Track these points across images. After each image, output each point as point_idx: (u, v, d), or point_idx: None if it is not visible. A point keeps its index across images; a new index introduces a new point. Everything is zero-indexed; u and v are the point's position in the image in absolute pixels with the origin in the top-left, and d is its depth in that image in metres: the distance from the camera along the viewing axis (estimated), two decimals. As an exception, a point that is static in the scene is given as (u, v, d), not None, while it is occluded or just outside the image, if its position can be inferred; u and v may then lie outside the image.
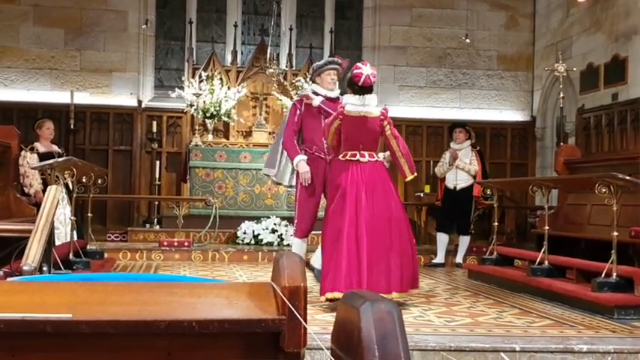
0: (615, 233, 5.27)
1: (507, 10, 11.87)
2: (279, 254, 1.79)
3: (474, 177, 8.71)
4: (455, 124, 9.21)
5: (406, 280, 5.18)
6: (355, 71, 5.43)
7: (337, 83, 6.21)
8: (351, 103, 5.35)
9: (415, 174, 5.55)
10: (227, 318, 1.65)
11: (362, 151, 5.27)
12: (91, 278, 2.30)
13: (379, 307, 1.30)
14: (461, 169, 8.69)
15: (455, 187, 8.78)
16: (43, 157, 7.70)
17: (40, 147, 8.08)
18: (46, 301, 1.76)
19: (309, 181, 5.79)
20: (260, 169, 10.24)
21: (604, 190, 5.29)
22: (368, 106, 5.35)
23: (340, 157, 5.33)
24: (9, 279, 2.46)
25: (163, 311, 1.70)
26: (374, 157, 5.32)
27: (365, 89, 5.37)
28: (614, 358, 4.00)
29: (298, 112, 5.99)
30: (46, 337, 1.62)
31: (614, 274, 5.25)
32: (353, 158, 5.27)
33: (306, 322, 1.60)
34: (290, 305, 1.59)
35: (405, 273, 5.17)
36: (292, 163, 5.92)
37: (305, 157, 5.84)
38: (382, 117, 5.38)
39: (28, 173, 7.80)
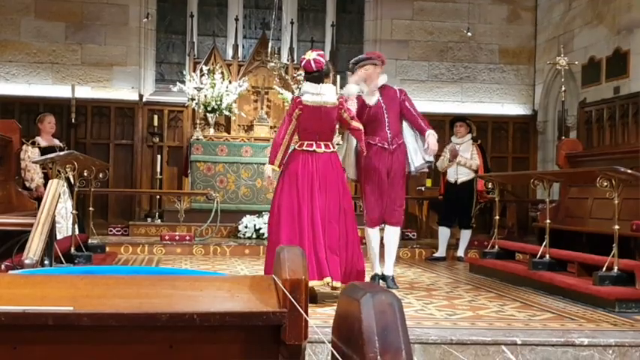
0: (616, 227, 5.27)
1: (509, 3, 11.85)
2: (280, 247, 1.79)
3: (476, 171, 8.70)
4: (455, 118, 9.21)
5: (354, 274, 5.18)
6: (303, 61, 5.40)
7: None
8: (309, 93, 5.31)
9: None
10: (228, 311, 1.65)
11: (318, 142, 5.29)
12: (92, 271, 2.30)
13: (380, 298, 1.30)
14: (462, 165, 8.68)
15: (456, 181, 8.77)
16: (44, 151, 7.70)
17: (42, 141, 8.08)
18: (48, 293, 1.76)
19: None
20: (261, 163, 10.29)
21: (605, 183, 5.28)
22: (324, 95, 5.31)
23: (297, 147, 5.34)
24: (10, 272, 2.46)
25: (165, 304, 1.70)
26: (330, 148, 5.32)
27: (316, 76, 5.31)
28: (615, 352, 4.00)
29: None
30: (48, 329, 1.63)
31: (616, 268, 5.25)
32: (309, 149, 5.27)
33: (307, 315, 1.60)
34: (291, 298, 1.60)
35: (353, 266, 5.19)
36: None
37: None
38: (340, 106, 5.38)
39: (29, 167, 7.80)
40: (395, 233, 6.04)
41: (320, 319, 4.22)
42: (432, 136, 6.02)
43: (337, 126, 5.60)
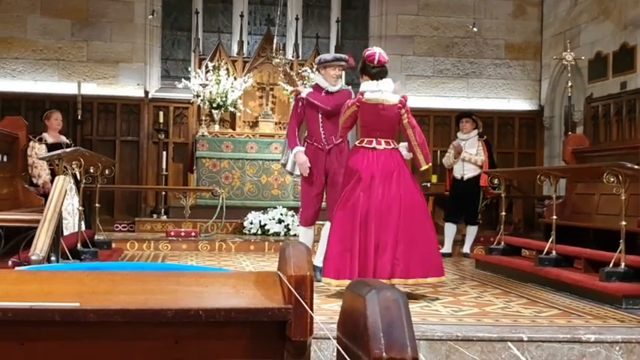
0: (623, 223, 5.25)
1: (515, -2, 11.81)
2: (285, 244, 1.79)
3: (481, 167, 8.69)
4: (461, 114, 9.19)
5: (424, 267, 5.16)
6: (368, 52, 5.46)
7: (340, 79, 6.20)
8: (369, 90, 5.33)
9: (430, 164, 5.56)
10: (233, 307, 1.65)
11: (379, 139, 5.28)
12: (99, 267, 2.30)
13: (385, 295, 1.30)
14: (467, 160, 8.67)
15: (462, 177, 8.76)
16: (51, 147, 7.72)
17: (49, 138, 8.10)
18: (54, 290, 1.76)
19: (307, 172, 5.88)
20: (267, 160, 10.31)
21: (612, 179, 5.26)
22: (385, 92, 5.32)
23: (357, 143, 5.36)
24: (17, 268, 2.46)
25: (170, 300, 1.71)
26: (390, 145, 5.31)
27: (380, 72, 5.36)
28: (622, 348, 3.99)
29: (300, 104, 6.05)
30: (55, 325, 1.63)
31: (623, 264, 5.24)
32: (369, 145, 5.28)
33: (312, 311, 1.60)
34: (296, 294, 1.59)
35: (425, 260, 5.17)
36: (291, 154, 6.02)
37: (303, 148, 5.95)
38: (400, 105, 5.37)
39: (36, 164, 7.82)
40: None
41: (325, 315, 4.23)
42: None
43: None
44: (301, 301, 1.59)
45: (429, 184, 10.97)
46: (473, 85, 11.81)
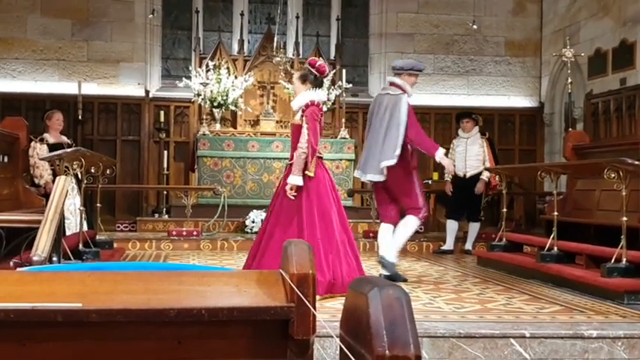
0: (624, 218, 5.26)
1: (515, -5, 11.80)
2: (287, 242, 1.79)
3: (484, 163, 8.70)
4: (461, 114, 9.18)
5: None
6: (319, 63, 5.50)
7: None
8: (322, 99, 5.57)
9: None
10: (236, 306, 1.65)
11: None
12: (101, 267, 2.30)
13: (388, 293, 1.30)
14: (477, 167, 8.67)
15: (464, 175, 8.76)
16: (52, 147, 7.71)
17: (50, 138, 8.09)
18: (56, 290, 1.76)
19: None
20: (268, 158, 10.30)
21: (613, 175, 5.27)
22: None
23: (317, 154, 5.41)
24: (19, 269, 2.47)
25: (173, 300, 1.71)
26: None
27: (320, 82, 5.54)
28: (625, 344, 4.00)
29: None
30: (57, 326, 1.63)
31: (624, 260, 5.24)
32: (320, 155, 5.54)
33: (314, 310, 1.60)
34: (299, 292, 1.60)
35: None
36: (435, 156, 6.17)
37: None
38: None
39: (38, 164, 7.82)
40: None
41: (328, 314, 4.23)
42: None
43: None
44: (303, 299, 1.59)
45: (430, 182, 10.97)
46: (473, 82, 11.80)
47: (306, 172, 5.31)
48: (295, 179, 5.30)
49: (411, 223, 6.03)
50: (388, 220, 6.09)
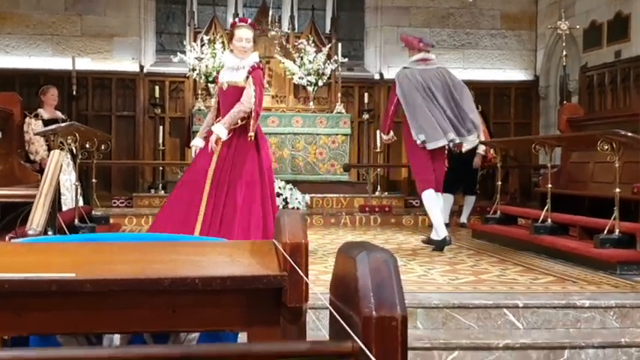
0: (617, 190, 5.29)
1: (510, -32, 11.73)
2: (280, 212, 1.81)
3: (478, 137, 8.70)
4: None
5: None
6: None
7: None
8: None
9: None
10: (229, 275, 1.67)
11: None
12: (95, 239, 2.32)
13: (375, 256, 1.32)
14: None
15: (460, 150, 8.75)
16: (47, 123, 7.70)
17: (45, 113, 8.07)
18: (50, 261, 1.78)
19: None
20: (264, 133, 10.26)
21: (606, 147, 5.29)
22: None
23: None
24: (13, 241, 2.48)
25: (167, 269, 1.72)
26: None
27: None
28: (617, 313, 4.05)
29: None
30: (51, 296, 1.64)
31: (617, 231, 5.28)
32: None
33: (307, 278, 1.62)
34: (291, 261, 1.61)
35: None
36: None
37: None
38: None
39: (33, 140, 7.81)
40: None
41: (324, 286, 4.25)
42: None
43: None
44: (296, 267, 1.61)
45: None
46: (469, 55, 11.77)
47: (249, 133, 5.18)
48: (222, 131, 5.13)
49: None
50: (434, 185, 6.39)
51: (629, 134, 5.20)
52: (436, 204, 6.37)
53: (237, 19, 5.74)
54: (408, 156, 6.84)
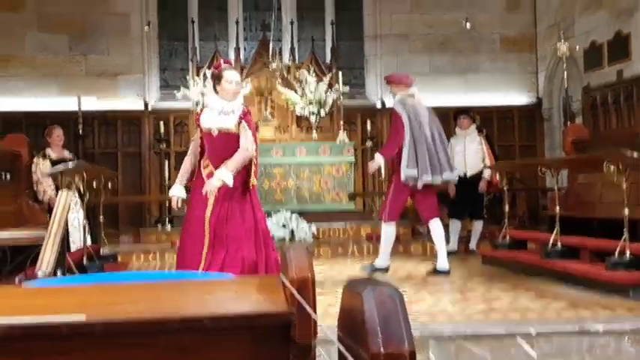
0: (626, 211, 5.25)
1: (508, -8, 11.82)
2: (285, 247, 1.80)
3: (483, 161, 8.70)
4: (458, 111, 9.20)
5: None
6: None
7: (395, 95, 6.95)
8: None
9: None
10: (238, 312, 1.67)
11: None
12: (103, 278, 2.32)
13: (381, 291, 1.32)
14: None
15: (465, 174, 8.75)
16: (55, 163, 7.72)
17: (52, 153, 8.10)
18: (60, 303, 1.78)
19: None
20: (268, 164, 10.30)
21: (612, 168, 5.26)
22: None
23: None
24: (24, 283, 2.48)
25: (175, 309, 1.72)
26: None
27: None
28: (632, 338, 3.99)
29: None
30: (61, 339, 1.64)
31: (628, 253, 5.23)
32: None
33: (315, 313, 1.61)
34: (298, 297, 1.61)
35: None
36: None
37: None
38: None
39: (41, 180, 7.83)
40: None
41: (333, 318, 4.22)
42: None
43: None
44: (304, 303, 1.60)
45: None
46: (470, 80, 11.81)
47: (252, 180, 5.08)
48: (228, 177, 4.86)
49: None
50: (397, 219, 6.88)
51: (635, 155, 5.18)
52: (393, 236, 6.78)
53: (221, 60, 5.40)
54: (390, 184, 6.91)
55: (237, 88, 5.14)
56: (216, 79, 5.12)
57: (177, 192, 5.13)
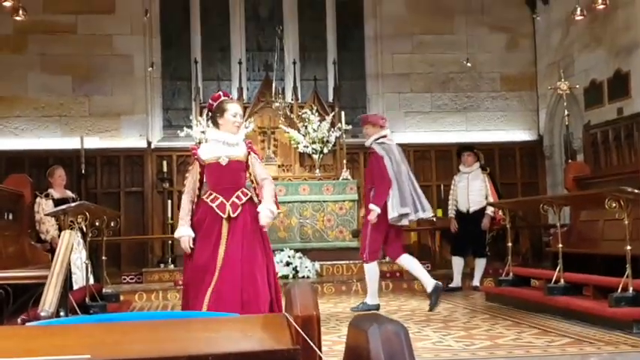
0: (628, 247, 5.26)
1: (507, 31, 11.95)
2: (290, 284, 1.81)
3: (486, 198, 8.72)
4: (463, 147, 9.24)
5: None
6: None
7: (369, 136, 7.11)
8: None
9: None
10: (243, 351, 1.67)
11: None
12: (107, 319, 2.32)
13: (386, 328, 1.32)
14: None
15: (468, 211, 8.78)
16: (57, 203, 7.75)
17: (55, 193, 8.14)
18: (65, 343, 1.78)
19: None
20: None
21: (614, 204, 5.29)
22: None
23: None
24: (27, 324, 2.48)
25: (180, 347, 1.72)
26: None
27: None
28: (636, 373, 3.97)
29: None
30: (67, 379, 1.64)
31: (630, 289, 5.23)
32: None
33: (320, 351, 1.62)
34: (303, 334, 1.62)
35: None
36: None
37: None
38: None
39: (43, 220, 7.85)
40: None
41: (337, 357, 4.21)
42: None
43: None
44: (309, 340, 1.61)
45: (434, 219, 10.96)
46: (471, 118, 11.89)
47: (275, 209, 4.95)
48: (274, 208, 4.90)
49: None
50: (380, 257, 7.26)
51: (636, 191, 5.20)
52: (377, 275, 7.07)
53: (220, 93, 5.15)
54: (366, 226, 6.98)
55: (241, 121, 5.09)
56: (218, 112, 4.98)
57: (186, 232, 4.88)
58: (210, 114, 5.20)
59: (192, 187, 5.00)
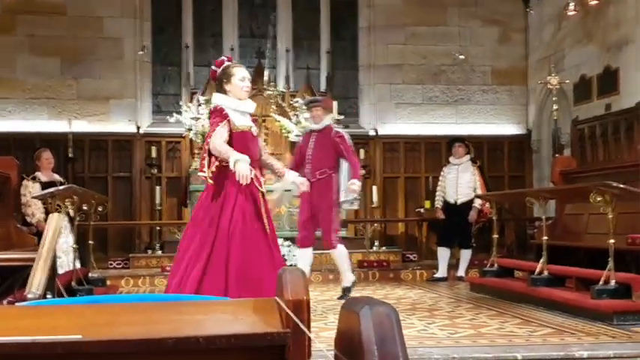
0: (612, 241, 5.33)
1: (499, 25, 11.98)
2: (281, 270, 1.84)
3: (475, 191, 8.77)
4: (454, 139, 9.28)
5: None
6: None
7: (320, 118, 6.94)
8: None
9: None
10: (233, 333, 1.69)
11: None
12: (98, 300, 2.34)
13: (378, 310, 1.35)
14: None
15: (456, 202, 8.83)
16: (45, 186, 7.71)
17: (42, 176, 8.10)
18: (55, 323, 1.79)
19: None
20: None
21: (599, 198, 5.35)
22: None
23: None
24: (17, 304, 2.50)
25: (171, 329, 1.74)
26: None
27: None
28: (616, 364, 4.04)
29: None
30: (58, 358, 1.66)
31: (612, 281, 5.31)
32: None
33: (310, 334, 1.65)
34: (294, 318, 1.64)
35: None
36: None
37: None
38: None
39: (30, 203, 7.81)
40: (334, 255, 6.89)
41: (325, 343, 4.24)
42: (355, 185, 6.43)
43: None
44: (299, 323, 1.64)
45: (422, 210, 11.02)
46: (462, 111, 11.93)
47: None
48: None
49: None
50: None
51: (621, 186, 5.27)
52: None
53: (224, 58, 4.82)
54: (330, 209, 6.72)
55: (250, 86, 4.77)
56: (224, 77, 4.64)
57: (242, 156, 4.34)
58: (215, 81, 4.83)
59: (225, 140, 4.50)
